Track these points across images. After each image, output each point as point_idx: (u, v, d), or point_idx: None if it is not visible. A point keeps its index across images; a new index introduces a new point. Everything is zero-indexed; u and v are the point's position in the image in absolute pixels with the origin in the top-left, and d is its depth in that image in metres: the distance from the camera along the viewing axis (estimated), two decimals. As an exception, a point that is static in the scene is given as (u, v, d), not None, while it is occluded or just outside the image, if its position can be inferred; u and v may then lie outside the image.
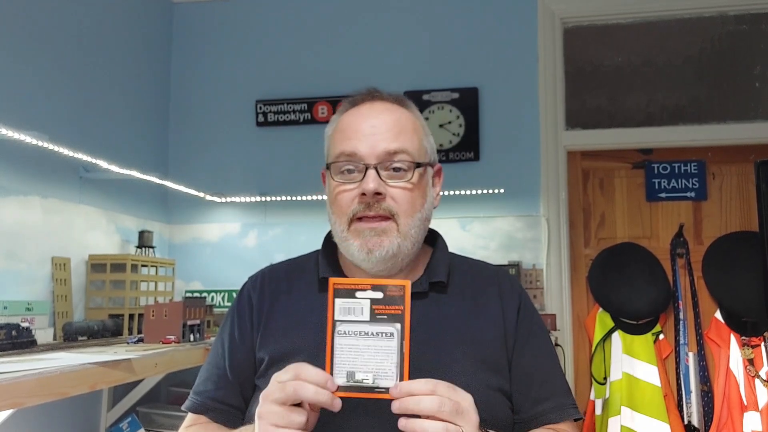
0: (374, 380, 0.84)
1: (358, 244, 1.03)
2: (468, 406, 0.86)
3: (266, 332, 1.09)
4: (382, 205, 1.03)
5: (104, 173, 2.52)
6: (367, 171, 1.03)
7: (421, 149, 1.09)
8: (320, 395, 0.83)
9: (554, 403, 1.06)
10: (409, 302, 0.87)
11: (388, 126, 1.06)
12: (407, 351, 0.85)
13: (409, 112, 1.11)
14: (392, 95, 1.13)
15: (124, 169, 2.49)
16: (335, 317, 0.86)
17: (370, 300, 0.86)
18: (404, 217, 1.04)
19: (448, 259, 1.13)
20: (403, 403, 0.83)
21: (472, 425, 0.84)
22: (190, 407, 1.11)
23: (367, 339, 0.86)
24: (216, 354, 1.13)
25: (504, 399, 1.04)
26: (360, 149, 1.04)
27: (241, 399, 1.09)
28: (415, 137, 1.08)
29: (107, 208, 2.72)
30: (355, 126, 1.07)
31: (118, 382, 1.77)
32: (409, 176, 1.05)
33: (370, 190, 1.02)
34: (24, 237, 2.25)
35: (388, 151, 1.04)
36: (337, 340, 0.86)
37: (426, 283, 1.08)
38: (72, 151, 2.28)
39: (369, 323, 0.86)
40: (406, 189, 1.05)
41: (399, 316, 0.86)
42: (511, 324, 1.08)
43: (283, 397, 0.84)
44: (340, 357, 0.85)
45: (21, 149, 2.15)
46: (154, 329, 2.20)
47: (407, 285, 0.87)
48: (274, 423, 0.84)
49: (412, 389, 0.84)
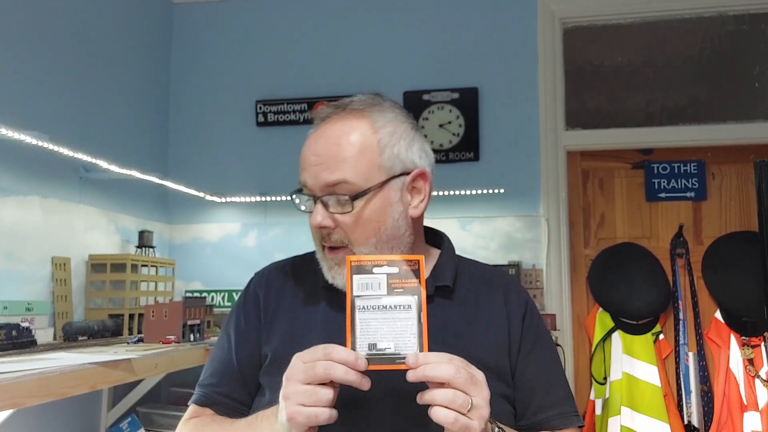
0: (396, 349, 0.86)
1: (327, 271, 1.06)
2: (482, 380, 0.87)
3: (272, 329, 1.09)
4: (332, 237, 1.04)
5: (104, 173, 2.52)
6: (315, 203, 1.05)
7: (371, 171, 1.02)
8: (350, 375, 0.84)
9: (557, 411, 1.06)
10: (424, 276, 0.90)
11: (330, 153, 1.03)
12: (425, 322, 0.88)
13: (366, 126, 1.04)
14: (357, 102, 1.07)
15: (124, 169, 2.49)
16: (353, 293, 0.89)
17: (387, 275, 0.89)
18: (357, 246, 1.03)
19: (454, 263, 1.12)
20: (419, 371, 0.84)
21: (483, 398, 0.85)
22: (195, 400, 1.11)
23: (386, 312, 0.88)
24: (221, 348, 1.14)
25: (507, 405, 1.04)
26: (308, 181, 1.05)
27: (246, 393, 1.09)
28: (361, 160, 1.02)
29: (107, 208, 2.72)
30: (306, 154, 1.06)
31: (118, 382, 1.77)
32: (353, 207, 1.02)
33: (314, 225, 1.05)
34: (24, 237, 2.25)
35: (327, 183, 1.02)
36: (357, 315, 0.88)
37: (432, 287, 1.07)
38: (72, 151, 2.28)
39: (387, 296, 0.89)
40: (353, 219, 1.03)
41: (415, 288, 0.89)
42: (516, 331, 1.08)
43: (311, 377, 0.84)
44: (362, 330, 0.87)
45: (21, 149, 2.15)
46: (154, 329, 2.20)
47: (421, 259, 0.90)
48: (301, 402, 0.84)
49: (429, 359, 0.85)
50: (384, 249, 1.04)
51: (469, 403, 0.83)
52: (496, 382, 1.02)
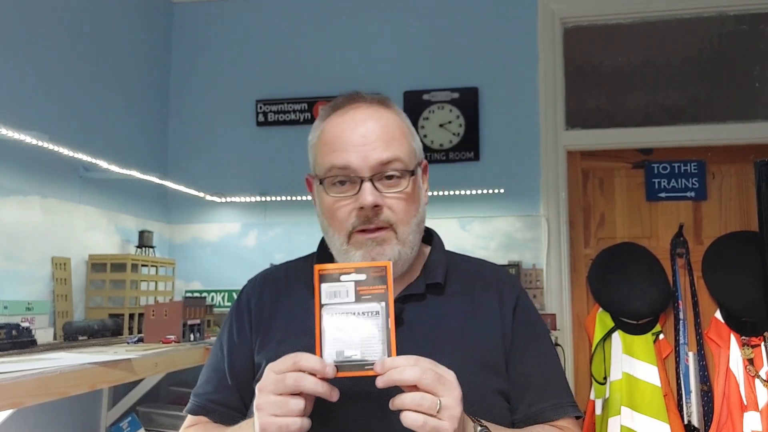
0: (363, 355, 0.87)
1: (360, 255, 1.02)
2: (451, 379, 0.86)
3: (265, 337, 1.09)
4: (381, 217, 1.02)
5: (104, 173, 2.52)
6: (363, 184, 1.01)
7: (411, 153, 1.06)
8: (318, 386, 0.84)
9: (551, 403, 1.05)
10: (392, 282, 0.89)
11: (378, 134, 1.02)
12: (393, 328, 0.88)
13: (395, 114, 1.08)
14: (375, 97, 1.08)
15: (124, 169, 2.49)
16: (321, 301, 0.89)
17: (354, 282, 0.90)
18: (402, 226, 1.03)
19: (445, 260, 1.12)
20: (386, 377, 0.84)
21: (453, 398, 0.84)
22: (189, 409, 1.11)
23: (354, 318, 0.88)
24: (215, 356, 1.14)
25: (502, 400, 1.04)
26: (353, 161, 1.01)
27: (240, 401, 1.09)
28: (404, 142, 1.05)
29: (107, 208, 2.72)
30: (343, 136, 1.03)
31: (118, 382, 1.77)
32: (404, 185, 1.03)
33: (369, 204, 1.00)
34: (24, 237, 2.26)
35: (381, 161, 1.01)
36: (324, 322, 0.88)
37: (423, 285, 1.07)
38: (72, 151, 2.28)
39: (354, 303, 0.89)
40: (402, 198, 1.03)
41: (383, 295, 0.89)
42: (508, 325, 1.07)
43: (282, 388, 0.85)
44: (330, 338, 0.88)
45: (21, 149, 2.15)
46: (154, 329, 2.20)
47: (389, 266, 0.90)
48: (273, 413, 0.85)
49: (396, 363, 0.85)
50: (416, 235, 1.06)
51: (438, 404, 0.83)
52: (491, 377, 1.02)
